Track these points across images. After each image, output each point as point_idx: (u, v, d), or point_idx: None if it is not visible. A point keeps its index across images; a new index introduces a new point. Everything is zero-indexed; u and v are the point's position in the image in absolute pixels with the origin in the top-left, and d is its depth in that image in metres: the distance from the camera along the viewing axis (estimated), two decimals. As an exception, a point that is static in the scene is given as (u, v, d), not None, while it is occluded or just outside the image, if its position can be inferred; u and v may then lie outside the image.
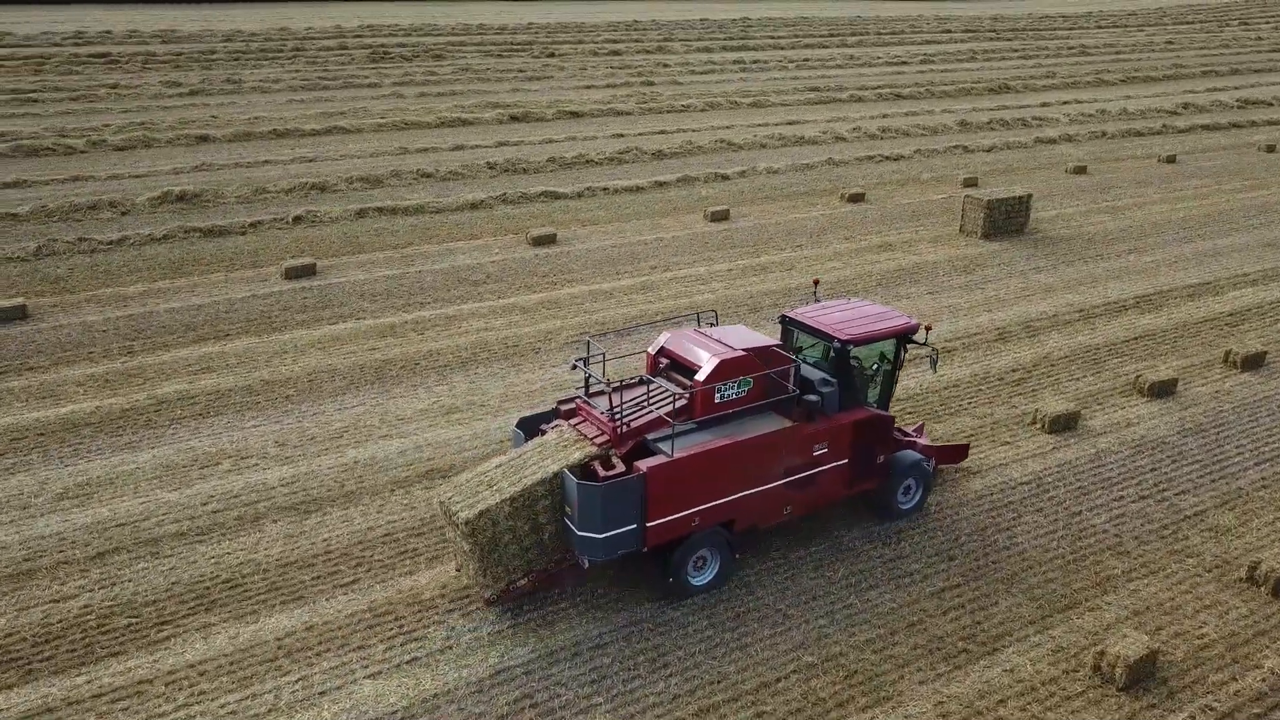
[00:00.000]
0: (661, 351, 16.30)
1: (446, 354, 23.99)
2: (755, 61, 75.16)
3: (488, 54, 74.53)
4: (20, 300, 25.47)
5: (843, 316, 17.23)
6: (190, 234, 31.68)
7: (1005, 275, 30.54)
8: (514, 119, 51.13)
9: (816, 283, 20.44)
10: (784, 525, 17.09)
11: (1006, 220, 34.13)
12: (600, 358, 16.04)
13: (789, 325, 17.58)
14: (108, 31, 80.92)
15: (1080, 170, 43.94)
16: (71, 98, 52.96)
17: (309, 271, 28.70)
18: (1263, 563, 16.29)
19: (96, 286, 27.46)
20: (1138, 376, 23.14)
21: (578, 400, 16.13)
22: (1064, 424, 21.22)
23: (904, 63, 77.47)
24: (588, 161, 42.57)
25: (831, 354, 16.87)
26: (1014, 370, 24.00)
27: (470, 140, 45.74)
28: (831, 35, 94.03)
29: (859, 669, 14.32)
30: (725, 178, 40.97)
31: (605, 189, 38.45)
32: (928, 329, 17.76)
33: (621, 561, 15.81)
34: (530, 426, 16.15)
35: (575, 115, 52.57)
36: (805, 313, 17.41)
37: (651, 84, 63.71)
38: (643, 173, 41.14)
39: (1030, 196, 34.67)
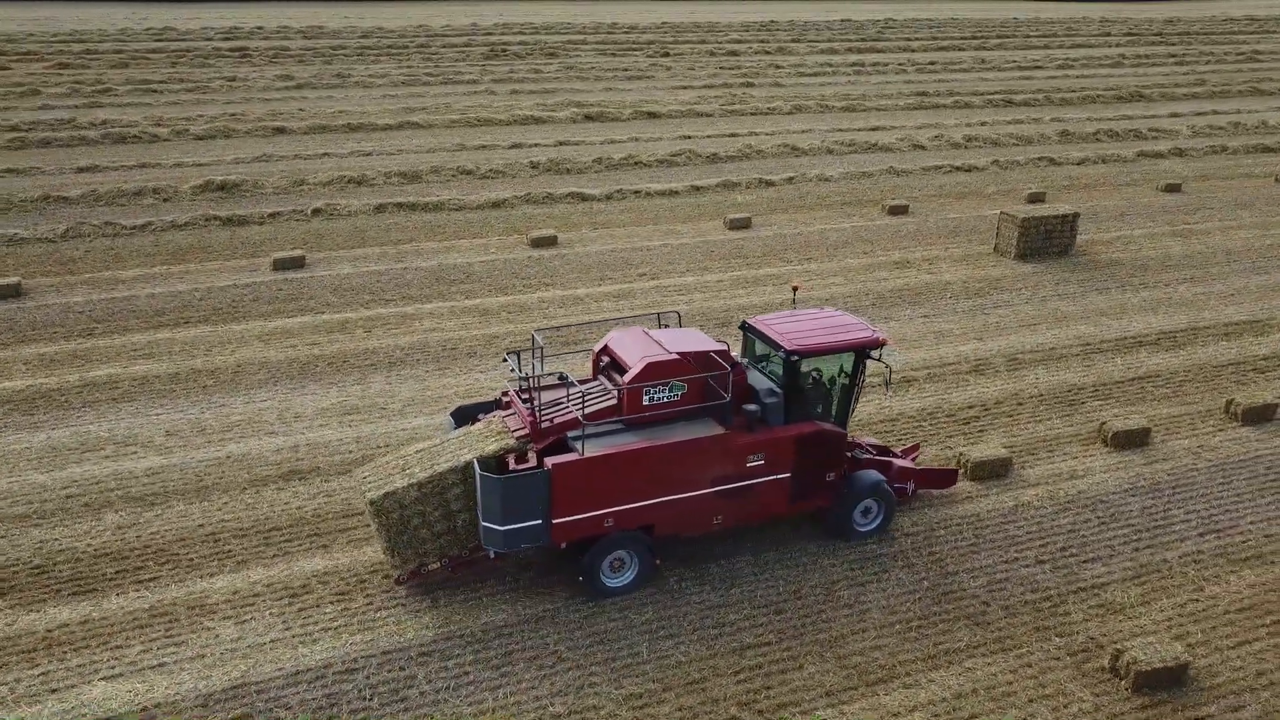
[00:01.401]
0: (604, 350, 16.02)
1: (380, 353, 23.88)
2: (875, 64, 72.27)
3: (602, 52, 74.60)
4: (17, 279, 26.94)
5: (801, 326, 16.28)
6: (210, 222, 32.87)
7: (1021, 301, 28.00)
8: (588, 118, 50.85)
9: (795, 289, 19.32)
10: (714, 535, 16.44)
11: (1046, 241, 31.32)
12: (540, 353, 15.78)
13: (748, 332, 16.77)
14: (259, 28, 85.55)
15: (1173, 188, 39.97)
16: (187, 89, 56.09)
17: (298, 264, 29.24)
18: (1127, 651, 14.12)
19: (99, 269, 28.80)
20: (1103, 424, 20.65)
21: (511, 393, 15.87)
22: (991, 471, 19.16)
23: (1038, 67, 72.80)
24: (636, 163, 41.81)
25: (780, 364, 15.96)
26: (970, 408, 21.90)
27: (532, 139, 45.73)
28: (973, 37, 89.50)
29: (601, 725, 13.25)
30: (770, 184, 39.40)
31: (636, 192, 37.62)
32: (881, 344, 16.15)
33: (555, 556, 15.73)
34: (465, 416, 16.28)
35: (651, 116, 51.83)
36: (765, 320, 16.58)
37: (751, 85, 62.19)
38: (686, 176, 40.06)
39: (1077, 216, 31.71)
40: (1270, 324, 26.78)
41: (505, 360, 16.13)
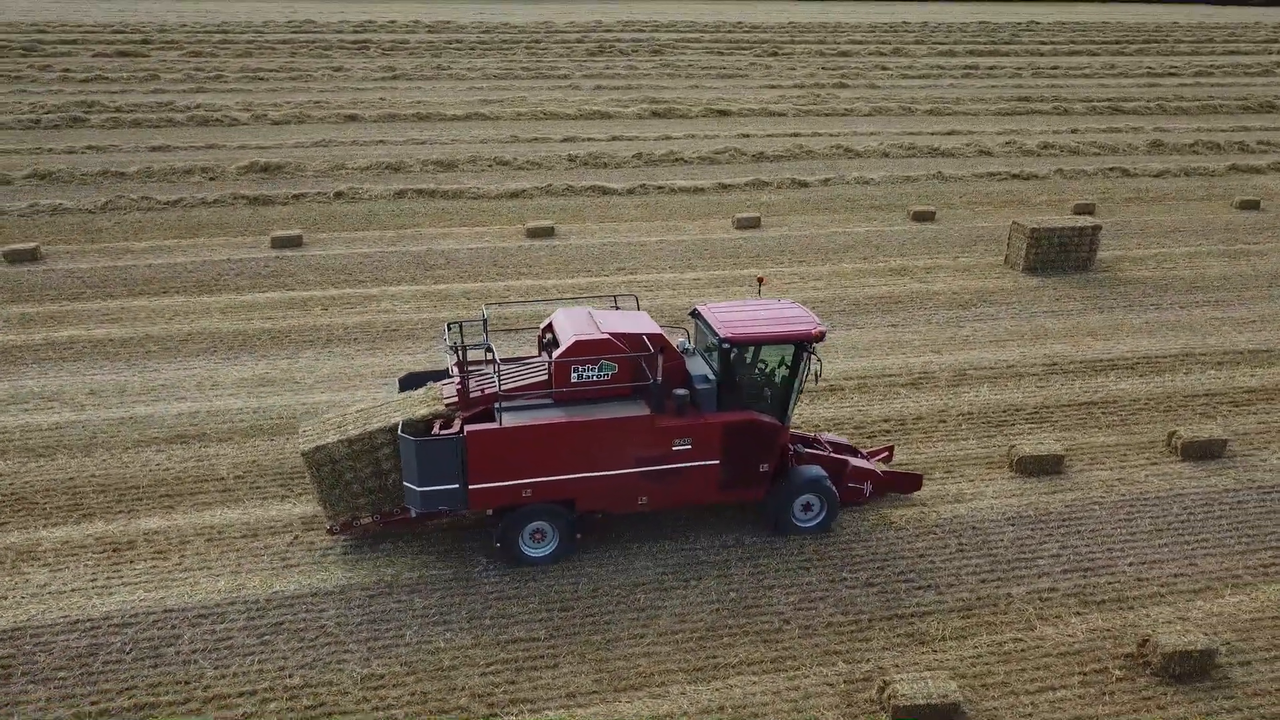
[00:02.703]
0: (548, 327, 16.44)
1: (322, 330, 24.61)
2: (990, 68, 69.18)
3: (709, 51, 74.26)
4: (35, 244, 29.09)
5: (744, 315, 16.26)
6: (237, 200, 34.60)
7: (1006, 316, 26.38)
8: (655, 115, 50.76)
9: (761, 280, 19.05)
10: (642, 515, 16.65)
11: (1061, 254, 29.35)
12: (485, 326, 16.46)
13: (696, 320, 16.84)
14: (392, 21, 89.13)
15: (1249, 205, 36.73)
16: (290, 77, 59.09)
17: (295, 243, 30.43)
18: (893, 684, 13.18)
19: (117, 240, 30.77)
20: (1011, 447, 19.27)
21: (452, 365, 16.33)
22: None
23: (1171, 74, 68.08)
24: (676, 160, 41.49)
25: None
26: (885, 421, 20.85)
27: (587, 133, 45.98)
28: (1115, 42, 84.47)
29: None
30: (804, 185, 38.38)
31: (660, 188, 37.35)
32: (818, 337, 15.83)
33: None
34: (413, 383, 16.91)
35: (721, 115, 51.27)
36: (712, 308, 16.66)
37: (844, 86, 60.64)
38: (720, 175, 39.48)
39: (1097, 229, 29.56)
40: (1276, 354, 24.29)
41: (450, 327, 16.49)
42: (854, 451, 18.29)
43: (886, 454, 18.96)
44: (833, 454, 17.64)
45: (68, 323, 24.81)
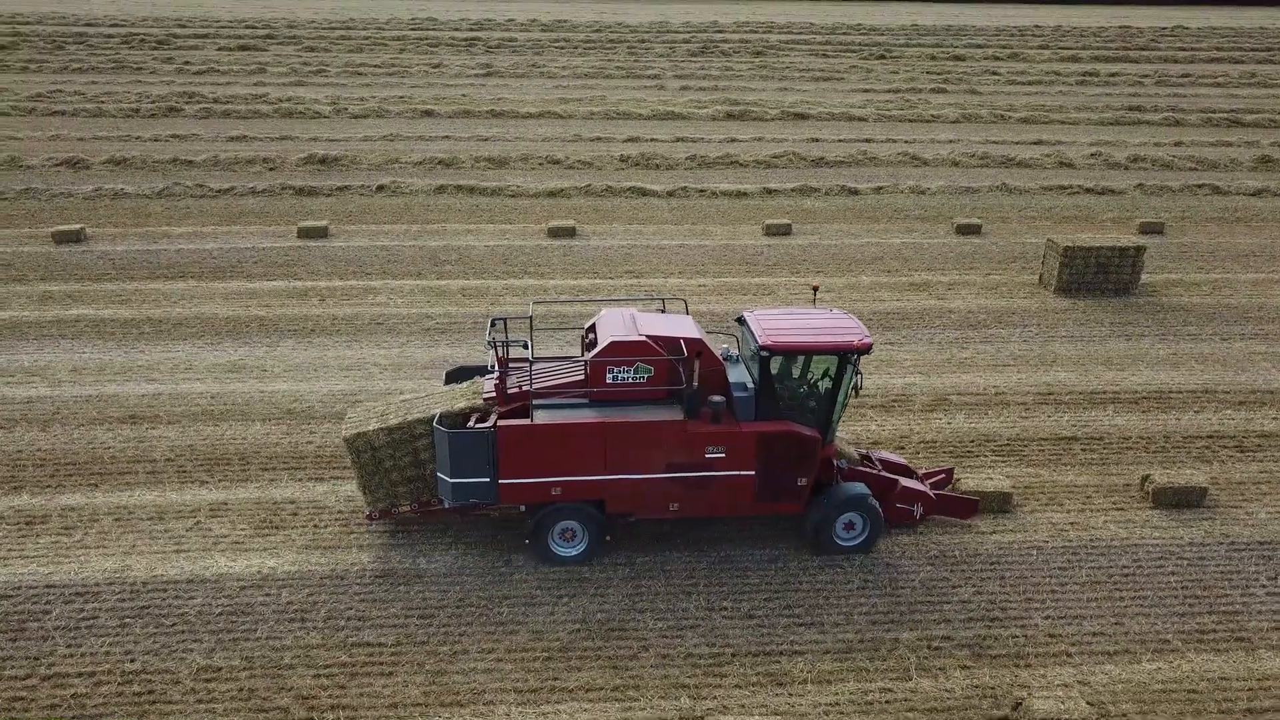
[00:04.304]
0: (591, 327, 16.55)
1: (309, 320, 25.04)
2: (1111, 74, 65.34)
3: (814, 53, 72.62)
4: (80, 226, 30.67)
5: (788, 324, 16.02)
6: (284, 190, 35.65)
7: (1016, 339, 24.70)
8: (730, 117, 49.89)
9: (815, 289, 18.88)
10: (679, 522, 16.51)
11: (1098, 275, 27.29)
12: (528, 323, 16.92)
13: (741, 325, 16.70)
14: (511, 19, 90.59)
15: (1346, 230, 33.43)
16: (389, 73, 60.73)
17: (321, 233, 31.13)
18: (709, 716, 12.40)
19: (160, 224, 32.12)
20: (956, 482, 17.96)
21: (496, 360, 16.56)
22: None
23: (1315, 85, 62.79)
24: (731, 163, 40.63)
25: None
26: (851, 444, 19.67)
27: (652, 134, 45.50)
28: (1266, 50, 78.47)
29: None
30: (854, 192, 36.96)
31: (702, 191, 36.63)
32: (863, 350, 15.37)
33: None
34: (459, 377, 17.19)
35: (799, 118, 49.98)
36: (758, 314, 16.48)
37: (942, 91, 58.28)
38: (770, 179, 38.43)
39: (1142, 250, 27.36)
40: (1316, 396, 21.94)
41: (494, 324, 16.63)
42: (908, 471, 17.54)
43: (944, 476, 18.03)
44: (881, 472, 16.97)
45: (82, 302, 25.98)
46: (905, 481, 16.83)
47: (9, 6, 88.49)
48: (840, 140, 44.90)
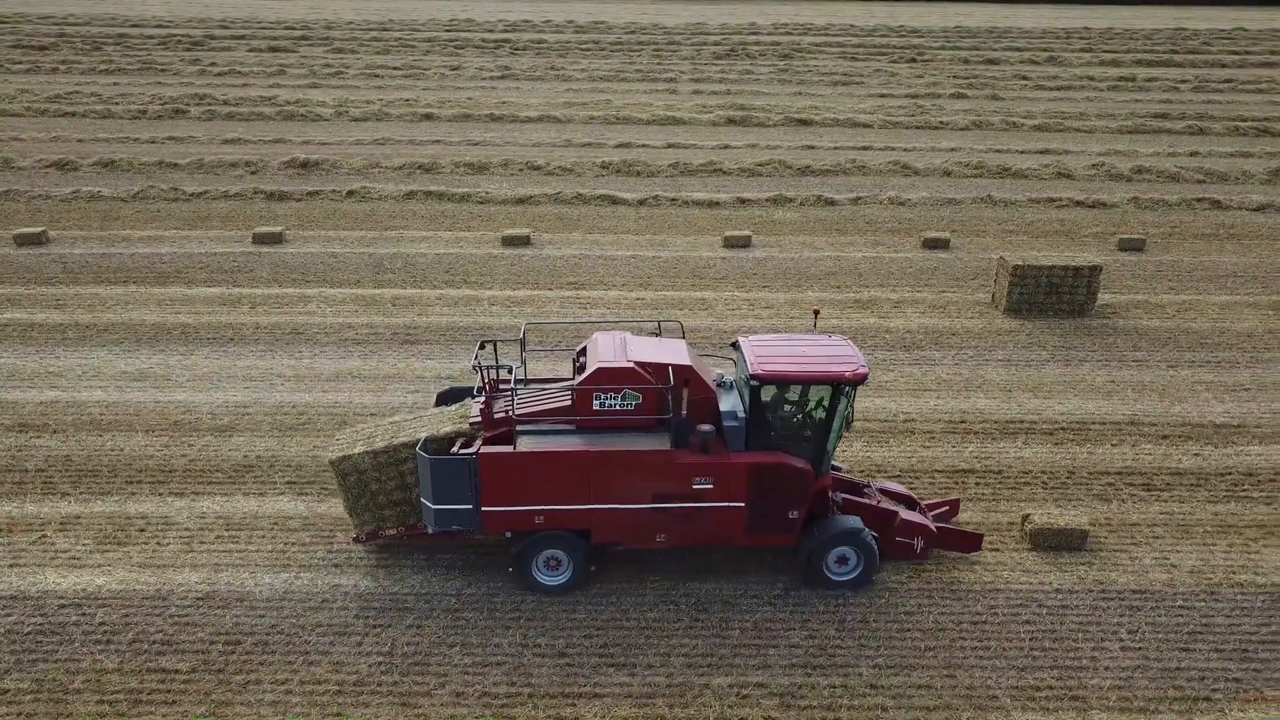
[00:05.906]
0: (583, 350, 16.36)
1: (229, 329, 25.02)
2: (1151, 79, 62.94)
3: (842, 56, 71.27)
4: (42, 229, 31.17)
5: (782, 351, 15.58)
6: (256, 195, 35.88)
7: (950, 362, 23.69)
8: (730, 122, 49.07)
9: (816, 313, 18.38)
10: (668, 553, 16.16)
11: (1050, 296, 26.08)
12: (518, 345, 16.54)
13: (737, 350, 16.25)
14: (547, 20, 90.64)
15: (1347, 250, 31.51)
16: (405, 75, 61.01)
17: (275, 239, 31.20)
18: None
19: (122, 228, 32.51)
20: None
21: (486, 382, 16.50)
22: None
23: (1364, 92, 59.69)
24: (715, 171, 39.85)
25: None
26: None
27: (648, 139, 44.88)
28: (1319, 53, 75.04)
29: None
30: (831, 203, 35.97)
31: (674, 200, 35.96)
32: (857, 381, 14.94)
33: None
34: (450, 398, 17.03)
35: (801, 124, 48.95)
36: (753, 340, 16.07)
37: (962, 96, 56.68)
38: (748, 187, 37.59)
39: (1098, 270, 26.07)
40: (1250, 431, 20.57)
41: (483, 346, 16.43)
42: (911, 503, 16.91)
43: (949, 508, 17.35)
44: (880, 504, 16.42)
45: (19, 305, 26.36)
46: (905, 513, 16.23)
47: (65, 7, 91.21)
48: (835, 148, 43.84)
